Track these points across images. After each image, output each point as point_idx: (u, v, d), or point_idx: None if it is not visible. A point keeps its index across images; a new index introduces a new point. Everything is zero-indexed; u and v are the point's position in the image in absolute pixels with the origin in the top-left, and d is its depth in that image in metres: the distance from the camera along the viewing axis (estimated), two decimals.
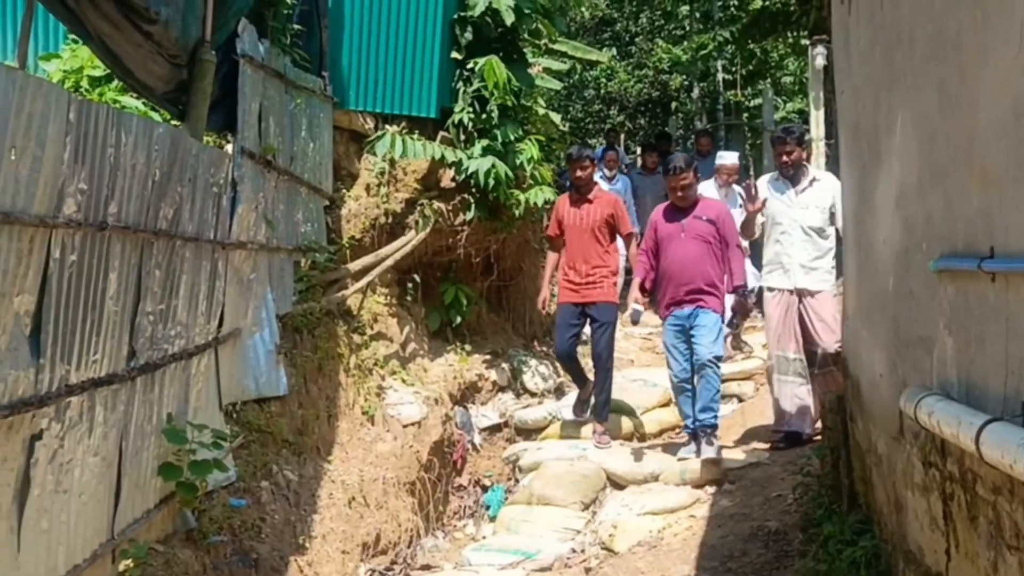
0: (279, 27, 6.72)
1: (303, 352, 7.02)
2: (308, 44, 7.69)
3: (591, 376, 7.89)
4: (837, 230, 6.71)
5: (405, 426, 7.55)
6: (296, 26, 7.13)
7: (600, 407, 7.66)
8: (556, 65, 11.87)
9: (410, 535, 7.03)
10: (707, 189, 9.28)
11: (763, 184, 7.22)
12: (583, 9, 23.66)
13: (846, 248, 5.36)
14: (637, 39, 27.00)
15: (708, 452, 6.76)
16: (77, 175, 3.99)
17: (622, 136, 25.80)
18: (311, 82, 7.56)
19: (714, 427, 6.92)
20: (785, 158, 6.96)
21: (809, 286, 6.85)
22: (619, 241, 7.90)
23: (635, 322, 7.58)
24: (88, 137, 4.05)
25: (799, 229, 6.88)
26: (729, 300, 7.23)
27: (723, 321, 7.04)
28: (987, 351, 2.80)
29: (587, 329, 7.86)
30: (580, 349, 8.12)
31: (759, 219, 7.07)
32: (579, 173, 7.63)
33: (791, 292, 6.92)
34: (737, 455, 6.90)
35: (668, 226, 7.02)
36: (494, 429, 8.57)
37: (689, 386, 6.93)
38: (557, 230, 7.76)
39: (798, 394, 6.92)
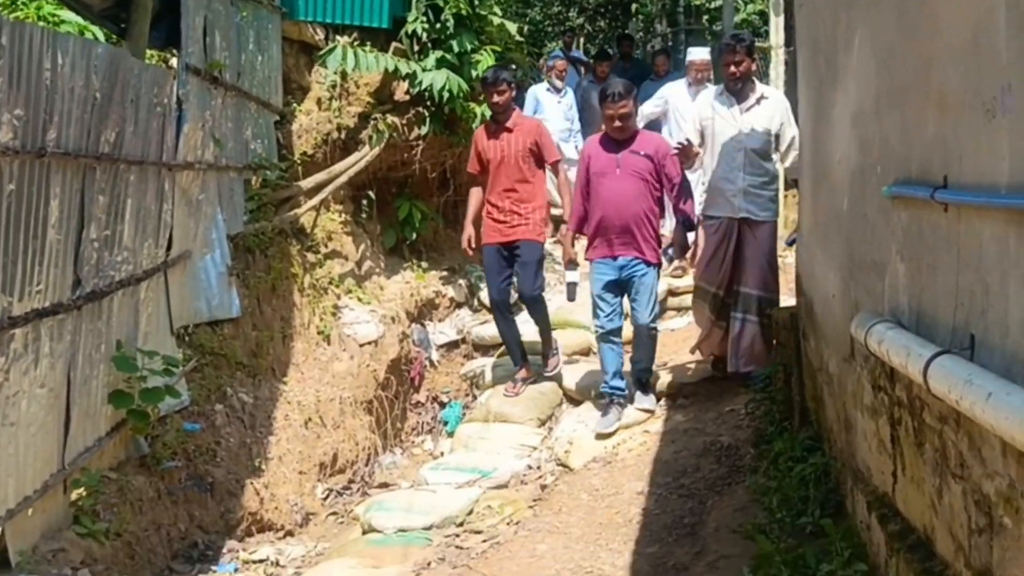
0: None
1: (256, 272, 6.92)
2: None
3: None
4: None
5: (361, 345, 7.52)
6: None
7: (546, 342, 7.13)
8: None
9: (367, 453, 7.06)
10: (679, 89, 9.22)
11: (707, 97, 6.54)
12: None
13: (803, 164, 5.31)
14: None
15: (644, 402, 6.38)
16: (12, 100, 3.84)
17: (581, 39, 25.44)
18: None
19: (648, 376, 6.48)
20: (733, 68, 6.19)
21: (752, 214, 6.12)
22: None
23: (571, 298, 6.67)
24: (23, 60, 3.88)
25: (742, 151, 6.14)
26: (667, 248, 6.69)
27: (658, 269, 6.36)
28: (938, 280, 2.80)
29: None
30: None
31: (696, 142, 6.32)
32: (496, 99, 6.84)
33: (732, 220, 6.18)
34: (691, 368, 6.93)
35: (601, 160, 6.21)
36: (452, 346, 8.57)
37: (616, 338, 6.30)
38: (477, 165, 7.00)
39: (709, 328, 6.44)
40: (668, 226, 7.41)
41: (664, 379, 6.70)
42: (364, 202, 8.54)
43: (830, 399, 4.40)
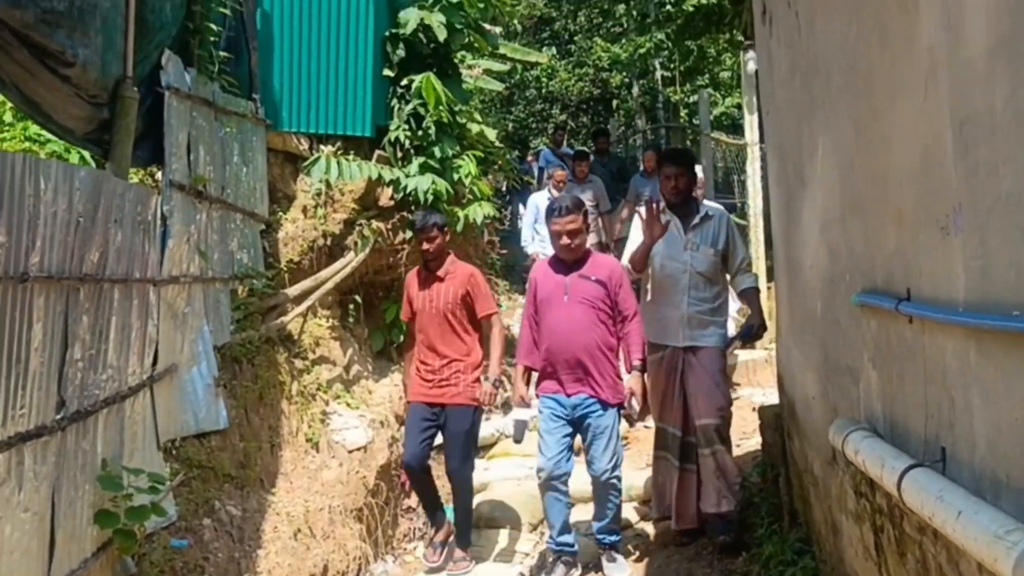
0: (206, 55, 6.61)
1: (243, 382, 6.93)
2: (237, 68, 7.59)
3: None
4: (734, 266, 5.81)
5: (351, 451, 7.48)
6: (223, 53, 7.02)
7: (462, 532, 6.46)
8: (497, 66, 11.86)
9: (359, 563, 6.96)
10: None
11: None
12: (519, 8, 23.69)
13: (777, 264, 5.40)
14: (576, 37, 27.14)
15: (613, 571, 5.65)
16: None
17: (565, 135, 25.90)
18: (242, 106, 7.46)
19: (614, 540, 5.74)
20: (674, 183, 5.66)
21: (697, 342, 5.63)
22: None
23: (518, 440, 6.06)
24: (4, 188, 3.95)
25: (687, 274, 5.64)
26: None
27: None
28: (908, 390, 2.83)
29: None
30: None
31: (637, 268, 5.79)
32: (426, 246, 6.29)
33: (676, 349, 5.70)
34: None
35: (549, 284, 5.63)
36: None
37: (563, 486, 5.56)
38: (409, 312, 6.52)
39: (677, 479, 5.74)
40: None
41: (642, 483, 6.63)
42: (351, 306, 8.59)
43: (816, 501, 4.40)
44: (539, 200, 10.36)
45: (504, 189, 15.52)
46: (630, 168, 14.62)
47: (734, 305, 6.73)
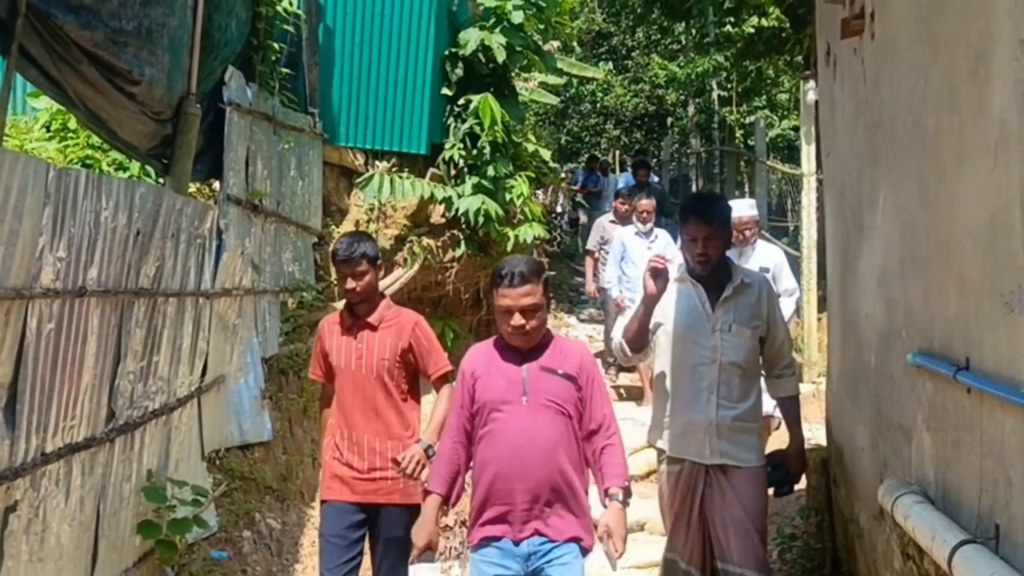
0: (267, 70, 6.69)
1: (288, 395, 6.98)
2: (296, 82, 7.67)
3: None
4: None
5: None
6: (285, 69, 7.10)
7: None
8: (553, 80, 11.85)
9: None
10: None
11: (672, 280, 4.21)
12: (578, 23, 23.74)
13: (830, 310, 5.32)
14: (633, 53, 27.11)
15: None
16: (55, 244, 3.96)
17: (617, 152, 25.87)
18: (300, 121, 7.54)
19: None
20: (701, 249, 4.08)
21: (730, 459, 4.12)
22: None
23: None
24: (67, 205, 4.01)
25: (715, 365, 4.12)
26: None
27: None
28: (963, 460, 2.78)
29: None
30: None
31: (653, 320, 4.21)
32: (351, 283, 4.48)
33: (699, 466, 4.18)
34: None
35: (498, 380, 3.71)
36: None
37: None
38: (319, 370, 4.78)
39: None
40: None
41: None
42: None
43: (861, 553, 4.33)
44: (625, 236, 8.63)
45: (559, 208, 15.54)
46: (669, 203, 14.35)
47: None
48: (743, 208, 6.52)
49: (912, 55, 3.16)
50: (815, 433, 7.56)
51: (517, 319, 3.55)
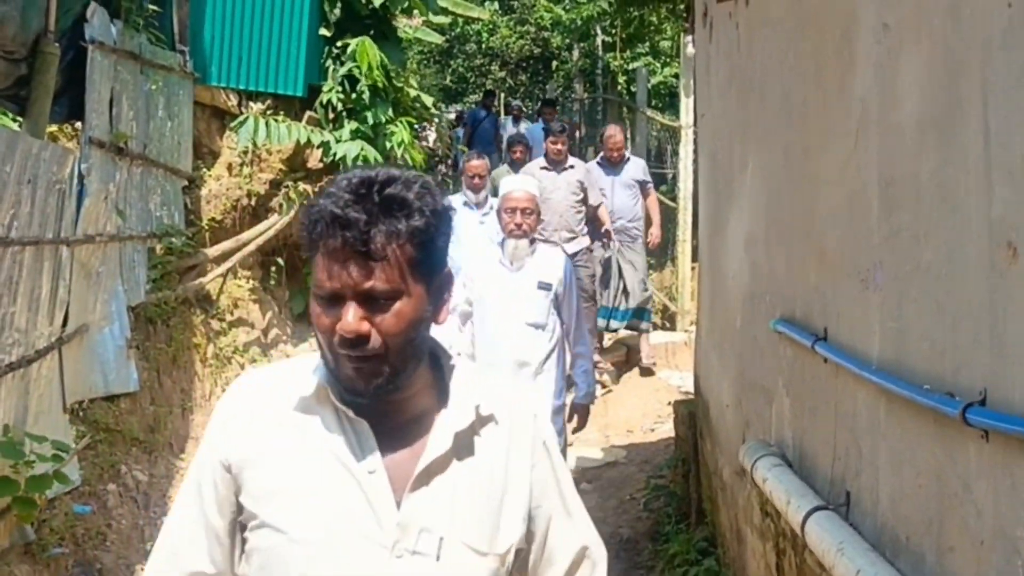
0: (133, 6, 6.37)
1: (156, 344, 6.78)
2: (165, 18, 7.34)
3: None
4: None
5: None
6: (152, 7, 6.77)
7: None
8: (437, 19, 11.63)
9: None
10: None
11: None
12: None
13: (701, 267, 5.42)
14: None
15: None
16: None
17: (502, 95, 25.70)
18: (169, 59, 7.22)
19: None
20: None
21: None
22: None
23: None
24: None
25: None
26: None
27: None
28: (819, 427, 2.87)
29: None
30: None
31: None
32: None
33: None
34: (595, 452, 6.98)
35: None
36: None
37: None
38: None
39: None
40: None
41: (568, 461, 6.71)
42: (272, 268, 8.44)
43: (724, 506, 4.47)
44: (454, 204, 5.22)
45: (438, 157, 15.37)
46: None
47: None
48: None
49: (783, 26, 3.19)
50: (685, 382, 7.76)
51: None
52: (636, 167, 8.81)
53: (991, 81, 1.70)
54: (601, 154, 8.97)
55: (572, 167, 8.08)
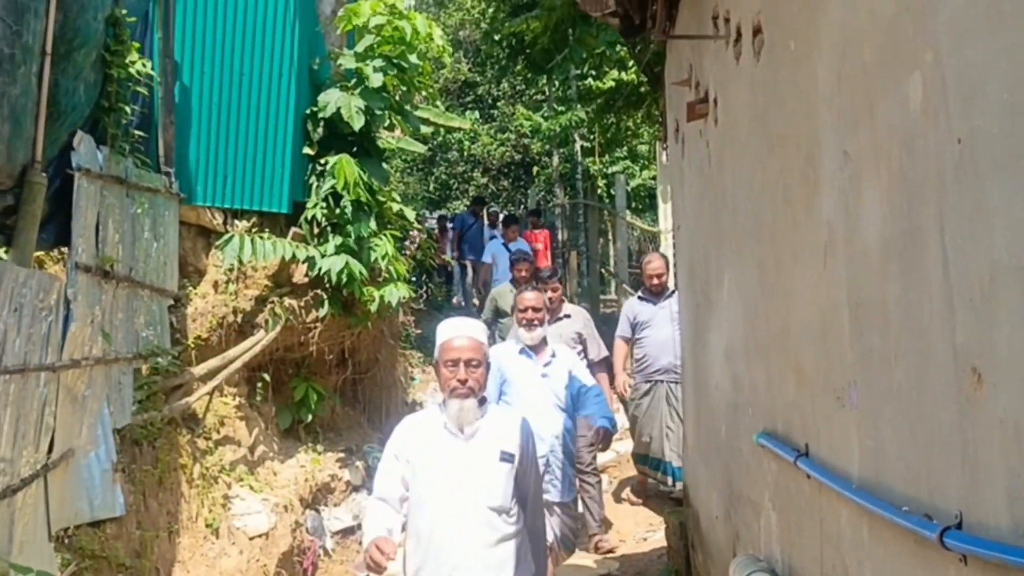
0: (119, 133, 6.50)
1: (142, 466, 6.73)
2: (151, 142, 7.48)
3: None
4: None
5: (252, 538, 7.30)
6: (138, 132, 6.91)
7: None
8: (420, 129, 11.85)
9: None
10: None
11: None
12: (444, 71, 23.96)
13: (684, 376, 5.45)
14: (499, 103, 27.42)
15: None
16: None
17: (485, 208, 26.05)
18: (155, 181, 7.33)
19: None
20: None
21: None
22: None
23: None
24: None
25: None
26: None
27: None
28: (805, 543, 2.87)
29: None
30: None
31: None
32: None
33: None
34: (588, 562, 6.90)
35: None
36: (347, 531, 8.37)
37: None
38: None
39: None
40: None
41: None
42: (259, 384, 8.43)
43: None
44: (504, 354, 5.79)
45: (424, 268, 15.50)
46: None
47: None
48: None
49: (751, 147, 3.29)
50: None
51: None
52: None
53: (946, 212, 1.77)
54: (642, 286, 8.30)
55: (568, 316, 7.47)
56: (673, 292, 7.51)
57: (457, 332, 3.93)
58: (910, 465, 2.00)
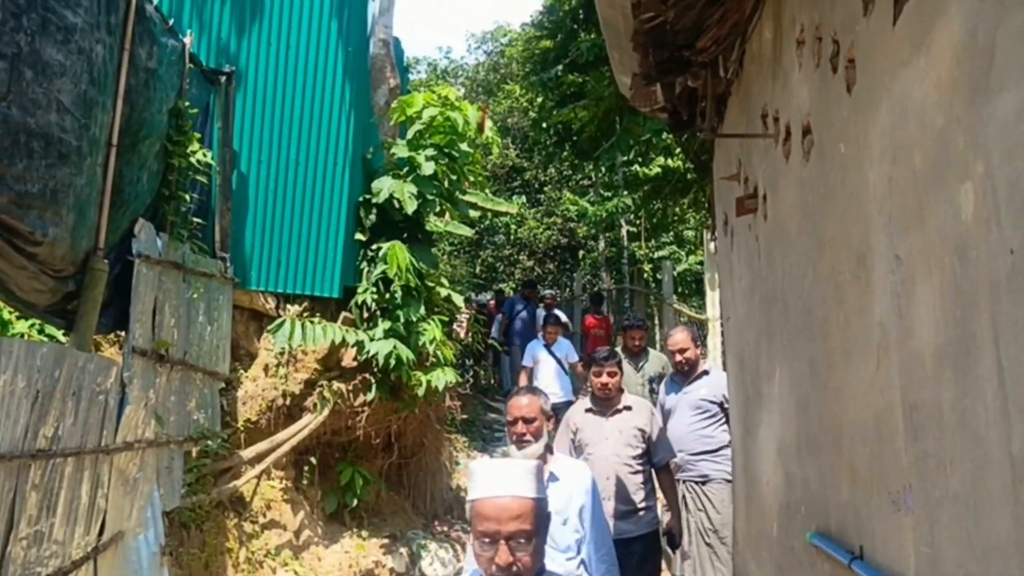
0: (178, 220, 6.68)
1: (190, 549, 6.76)
2: (208, 228, 7.67)
3: None
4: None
5: None
6: (196, 219, 7.10)
7: None
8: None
9: None
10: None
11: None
12: (492, 158, 24.33)
13: (735, 470, 5.40)
14: (546, 188, 27.73)
15: None
16: None
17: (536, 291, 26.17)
18: (211, 266, 7.50)
19: None
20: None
21: None
22: None
23: None
24: None
25: None
26: None
27: None
28: None
29: None
30: None
31: None
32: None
33: None
34: None
35: None
36: None
37: None
38: None
39: None
40: None
41: None
42: (306, 468, 8.48)
43: None
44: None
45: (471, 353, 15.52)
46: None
47: None
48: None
49: (801, 244, 3.32)
50: None
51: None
52: (716, 384, 6.55)
53: (1000, 321, 1.78)
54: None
55: (628, 408, 5.95)
56: (704, 373, 6.64)
57: (493, 489, 2.57)
58: (969, 574, 1.98)
